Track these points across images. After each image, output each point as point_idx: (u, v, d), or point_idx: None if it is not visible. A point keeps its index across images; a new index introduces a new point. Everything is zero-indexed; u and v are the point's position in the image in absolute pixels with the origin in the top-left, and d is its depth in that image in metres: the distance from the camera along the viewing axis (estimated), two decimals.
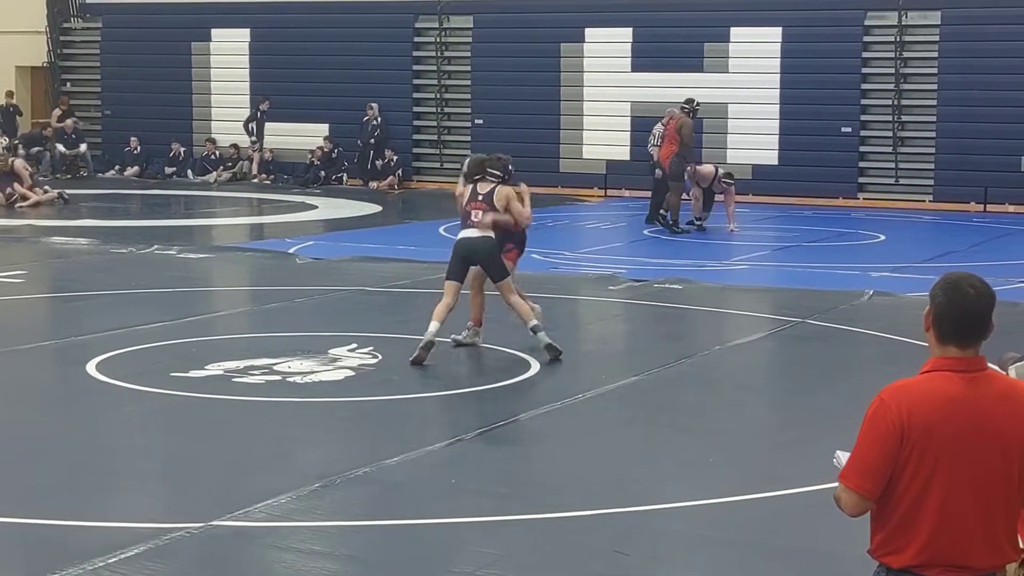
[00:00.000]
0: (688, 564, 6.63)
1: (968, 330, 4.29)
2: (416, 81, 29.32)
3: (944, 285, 4.35)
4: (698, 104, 21.57)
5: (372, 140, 28.63)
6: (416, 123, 29.42)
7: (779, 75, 25.81)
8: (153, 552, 6.51)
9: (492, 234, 11.39)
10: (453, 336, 11.73)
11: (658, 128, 21.59)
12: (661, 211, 21.00)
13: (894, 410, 4.18)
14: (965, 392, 4.23)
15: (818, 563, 6.73)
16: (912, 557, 4.15)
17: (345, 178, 28.85)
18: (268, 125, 29.51)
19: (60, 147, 30.15)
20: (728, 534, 7.10)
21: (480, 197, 11.46)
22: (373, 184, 28.26)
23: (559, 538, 7.02)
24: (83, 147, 30.51)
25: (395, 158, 28.44)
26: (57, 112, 30.96)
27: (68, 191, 25.08)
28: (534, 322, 11.29)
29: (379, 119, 28.61)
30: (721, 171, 21.07)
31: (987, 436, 4.21)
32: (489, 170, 11.58)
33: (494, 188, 11.45)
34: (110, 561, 6.36)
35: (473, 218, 11.41)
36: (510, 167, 11.73)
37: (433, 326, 11.07)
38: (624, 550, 6.70)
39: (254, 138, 29.47)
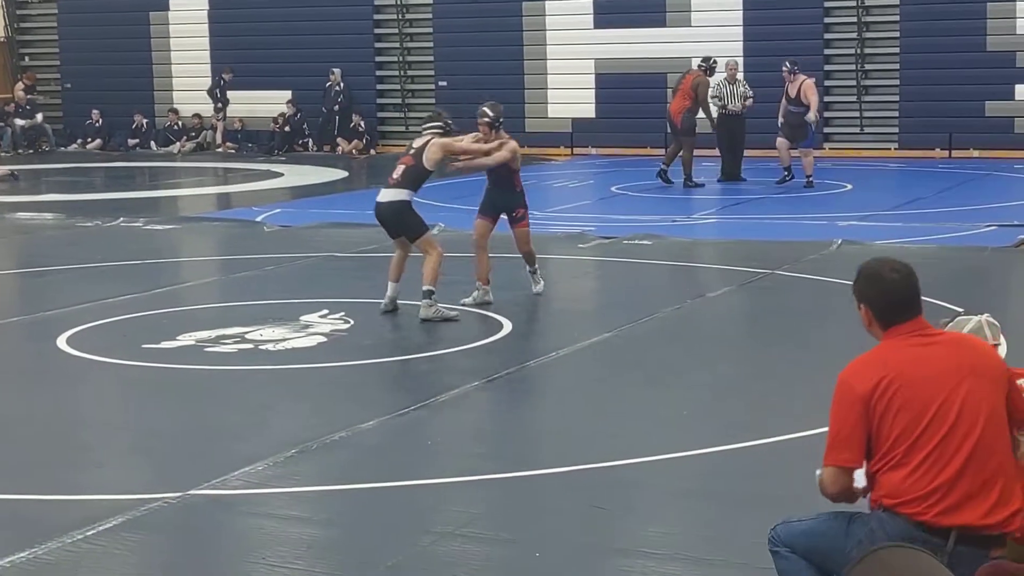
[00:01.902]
0: (665, 516, 6.66)
1: (907, 307, 4.50)
2: (378, 44, 29.17)
3: (867, 280, 4.52)
4: (715, 61, 21.52)
5: (336, 106, 28.50)
6: (379, 87, 29.28)
7: (742, 27, 25.78)
8: (131, 523, 6.50)
9: (402, 197, 11.31)
10: (463, 300, 11.83)
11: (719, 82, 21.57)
12: (663, 167, 21.06)
13: (851, 381, 4.42)
14: (921, 343, 4.45)
15: (795, 511, 6.76)
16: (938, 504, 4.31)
17: (310, 144, 28.74)
18: (231, 94, 29.32)
19: (18, 120, 29.88)
20: (705, 485, 7.14)
21: (411, 151, 11.49)
22: (340, 148, 28.14)
23: (536, 495, 7.04)
24: (39, 117, 30.23)
25: (363, 123, 28.34)
26: (20, 86, 30.69)
27: (31, 166, 24.93)
28: (428, 288, 11.22)
29: (342, 84, 28.46)
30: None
31: (958, 372, 4.39)
32: (430, 124, 11.62)
33: (427, 142, 11.43)
34: (88, 534, 6.35)
35: (393, 174, 11.46)
36: (448, 121, 11.68)
37: (391, 288, 11.49)
38: (602, 505, 6.72)
39: (219, 105, 29.29)
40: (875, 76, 25.71)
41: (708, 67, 21.34)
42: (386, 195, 11.40)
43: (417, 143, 11.53)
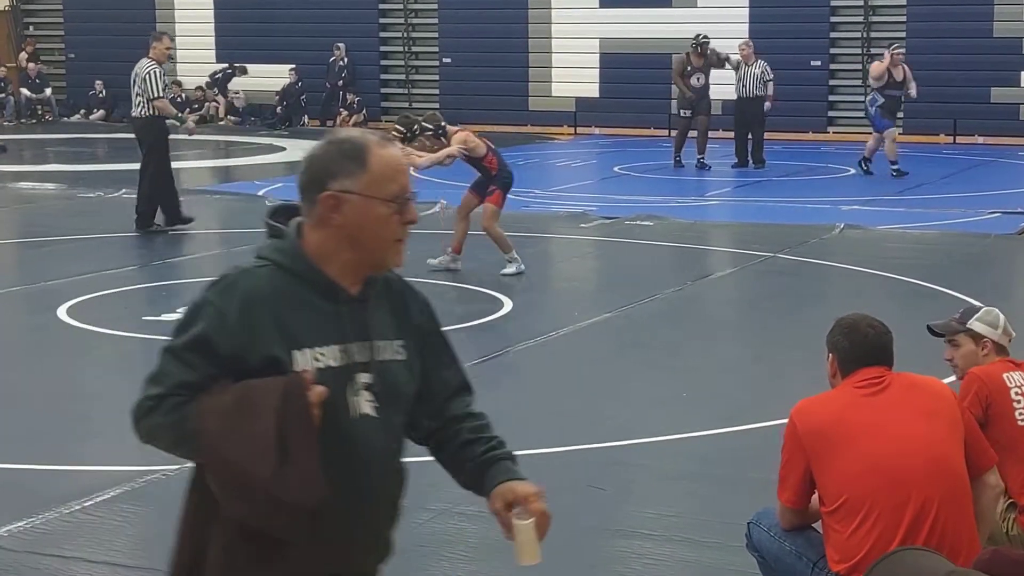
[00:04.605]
0: (663, 498, 6.66)
1: (875, 361, 4.38)
2: (383, 20, 29.10)
3: (843, 330, 4.45)
4: (704, 39, 21.47)
5: (340, 81, 28.45)
6: (383, 63, 29.22)
7: (748, 9, 25.71)
8: (129, 494, 6.51)
9: None
10: (428, 260, 11.91)
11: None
12: (699, 157, 21.08)
13: (795, 419, 4.39)
14: (872, 392, 4.32)
15: None
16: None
17: (306, 119, 28.73)
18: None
19: (25, 91, 29.90)
20: (703, 467, 7.13)
21: None
22: (341, 122, 28.14)
23: (535, 474, 6.96)
24: (47, 91, 30.28)
25: (357, 100, 28.28)
26: (23, 55, 30.66)
27: (34, 136, 24.87)
28: None
29: (345, 59, 28.40)
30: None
31: (906, 419, 4.25)
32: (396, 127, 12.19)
33: None
34: (86, 504, 6.36)
35: None
36: (415, 127, 12.01)
37: None
38: (599, 486, 6.72)
39: (215, 91, 29.39)
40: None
41: (698, 43, 21.24)
42: None
43: None
